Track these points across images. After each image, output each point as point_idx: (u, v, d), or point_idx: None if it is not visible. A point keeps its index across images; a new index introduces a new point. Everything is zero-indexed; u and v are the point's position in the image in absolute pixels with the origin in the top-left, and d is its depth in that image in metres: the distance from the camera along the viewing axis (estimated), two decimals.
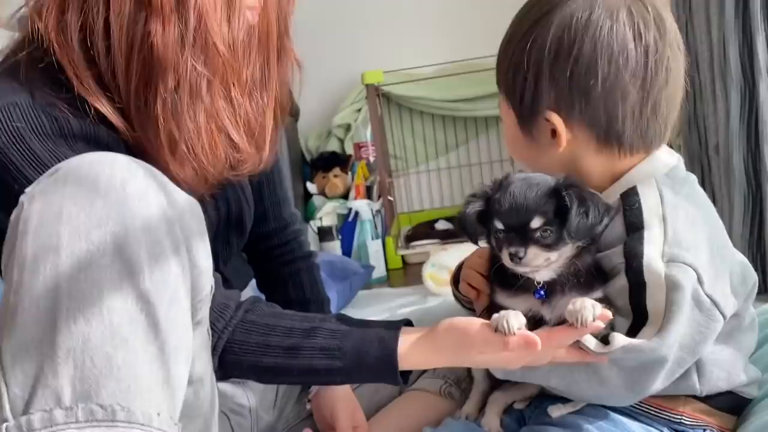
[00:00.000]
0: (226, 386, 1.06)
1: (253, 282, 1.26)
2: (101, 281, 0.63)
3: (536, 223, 0.82)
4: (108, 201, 0.65)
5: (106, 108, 0.79)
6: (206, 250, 0.74)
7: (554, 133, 0.90)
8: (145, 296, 0.64)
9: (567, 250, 0.84)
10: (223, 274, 1.10)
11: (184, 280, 0.70)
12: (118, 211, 0.65)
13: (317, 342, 0.87)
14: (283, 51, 1.00)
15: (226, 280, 1.10)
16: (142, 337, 0.63)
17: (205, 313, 0.77)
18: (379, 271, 2.70)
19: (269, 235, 1.20)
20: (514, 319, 0.80)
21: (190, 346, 0.71)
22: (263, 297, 1.23)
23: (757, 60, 1.71)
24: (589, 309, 0.78)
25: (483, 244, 0.92)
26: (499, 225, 0.85)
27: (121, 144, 0.82)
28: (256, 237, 1.18)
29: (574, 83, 0.87)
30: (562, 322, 0.82)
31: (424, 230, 2.96)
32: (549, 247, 0.82)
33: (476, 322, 0.83)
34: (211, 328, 0.86)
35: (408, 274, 2.76)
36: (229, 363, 0.89)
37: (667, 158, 0.94)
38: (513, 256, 0.82)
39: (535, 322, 0.86)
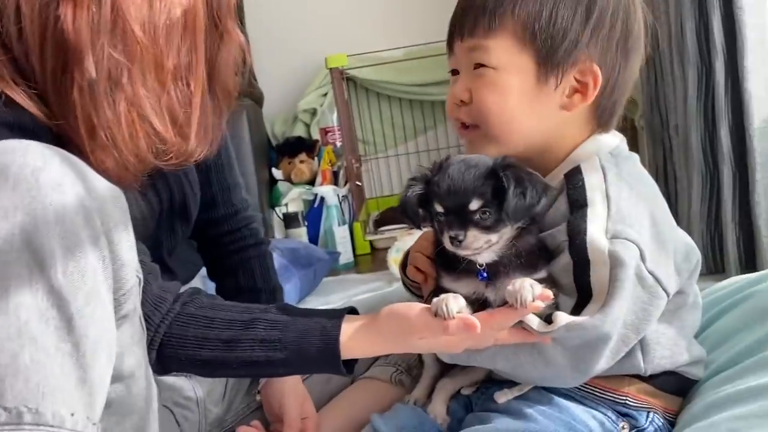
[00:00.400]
0: (172, 379, 1.04)
1: (203, 271, 1.23)
2: (8, 276, 0.60)
3: (474, 205, 0.81)
4: (17, 191, 0.62)
5: (19, 95, 0.75)
6: (129, 241, 0.72)
7: (573, 91, 0.90)
8: (57, 291, 0.62)
9: (507, 232, 0.83)
10: (168, 265, 1.07)
11: (104, 273, 0.67)
12: (28, 201, 0.62)
13: (257, 334, 0.85)
14: (226, 34, 0.96)
15: (170, 271, 1.07)
16: (53, 334, 0.61)
17: (132, 306, 0.74)
18: (347, 257, 2.69)
19: (218, 221, 1.18)
20: (454, 302, 0.79)
21: (113, 342, 0.69)
22: (212, 286, 1.20)
23: (713, 41, 1.71)
24: (528, 289, 0.77)
25: (426, 228, 0.91)
26: (439, 208, 0.83)
27: (46, 131, 0.79)
28: (205, 223, 1.16)
29: (621, 43, 0.90)
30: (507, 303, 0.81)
31: (393, 215, 2.95)
32: (488, 229, 0.81)
33: (416, 307, 0.82)
34: (147, 322, 0.84)
35: (376, 259, 2.75)
36: (167, 357, 0.87)
37: (609, 138, 0.94)
38: (453, 240, 0.81)
39: (480, 305, 0.85)
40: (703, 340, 1.03)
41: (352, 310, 0.91)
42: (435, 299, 0.80)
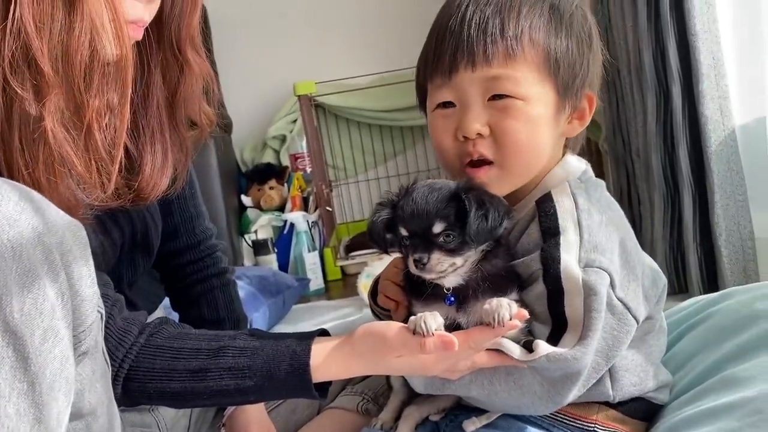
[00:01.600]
0: (135, 414, 1.02)
1: (166, 302, 1.21)
2: None
3: (437, 228, 0.81)
4: None
5: None
6: (90, 276, 0.70)
7: (574, 117, 0.94)
8: (13, 329, 0.60)
9: (472, 255, 0.83)
10: (128, 297, 1.06)
11: (63, 309, 0.65)
12: None
13: (225, 362, 0.84)
14: (186, 65, 0.96)
15: (132, 303, 1.05)
16: (8, 375, 0.59)
17: (92, 342, 0.73)
18: (317, 283, 2.67)
19: (180, 251, 1.16)
20: (432, 320, 0.79)
21: (72, 380, 0.67)
22: (176, 317, 1.19)
23: (670, 66, 1.75)
24: (506, 308, 0.77)
25: (394, 253, 0.91)
26: (404, 231, 0.84)
27: None
28: (167, 254, 1.14)
29: (600, 66, 0.95)
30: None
31: (364, 240, 2.95)
32: (452, 252, 0.81)
33: (394, 326, 0.82)
34: (111, 357, 0.82)
35: (347, 285, 2.74)
36: (135, 391, 0.86)
37: (576, 163, 0.95)
38: (417, 263, 0.82)
39: (452, 329, 0.84)
40: (666, 362, 1.04)
41: (323, 332, 0.89)
42: (413, 317, 0.80)
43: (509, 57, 0.86)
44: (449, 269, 0.82)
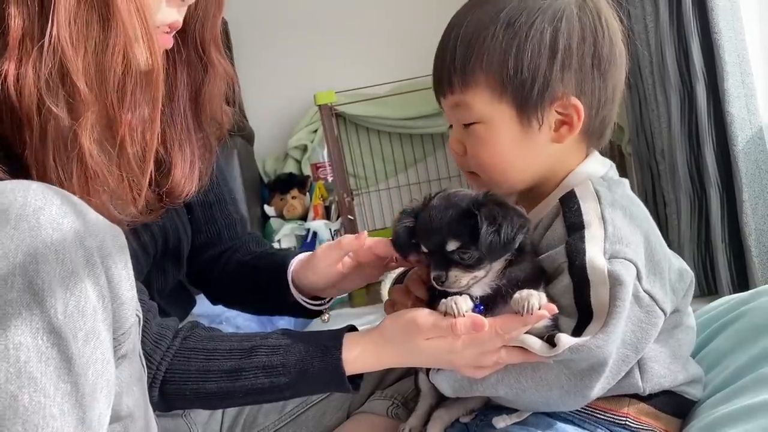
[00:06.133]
0: (167, 419, 1.03)
1: (193, 311, 1.23)
2: (7, 316, 0.59)
3: (451, 246, 0.82)
4: (18, 231, 0.62)
5: None
6: (129, 280, 0.71)
7: (560, 124, 0.91)
8: (58, 331, 0.61)
9: (495, 265, 0.84)
10: (160, 306, 1.07)
11: (104, 312, 0.66)
12: (29, 241, 0.62)
13: (259, 360, 0.85)
14: (210, 66, 0.96)
15: (163, 312, 1.07)
16: (53, 375, 0.60)
17: (131, 346, 0.74)
18: None
19: (223, 252, 1.18)
20: (463, 302, 0.80)
21: (113, 382, 0.68)
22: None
23: (693, 65, 1.74)
24: (536, 297, 0.78)
25: (415, 259, 0.92)
26: (423, 248, 0.85)
27: None
28: (213, 258, 1.17)
29: (595, 66, 0.91)
30: None
31: None
32: (471, 267, 0.82)
33: (424, 310, 0.83)
34: (148, 361, 0.83)
35: (370, 292, 2.74)
36: (171, 393, 0.87)
37: (600, 163, 0.96)
38: (436, 280, 0.83)
39: None
40: (699, 361, 1.03)
41: (353, 328, 0.91)
42: (444, 300, 0.81)
43: (464, 84, 0.91)
44: (471, 282, 0.83)
